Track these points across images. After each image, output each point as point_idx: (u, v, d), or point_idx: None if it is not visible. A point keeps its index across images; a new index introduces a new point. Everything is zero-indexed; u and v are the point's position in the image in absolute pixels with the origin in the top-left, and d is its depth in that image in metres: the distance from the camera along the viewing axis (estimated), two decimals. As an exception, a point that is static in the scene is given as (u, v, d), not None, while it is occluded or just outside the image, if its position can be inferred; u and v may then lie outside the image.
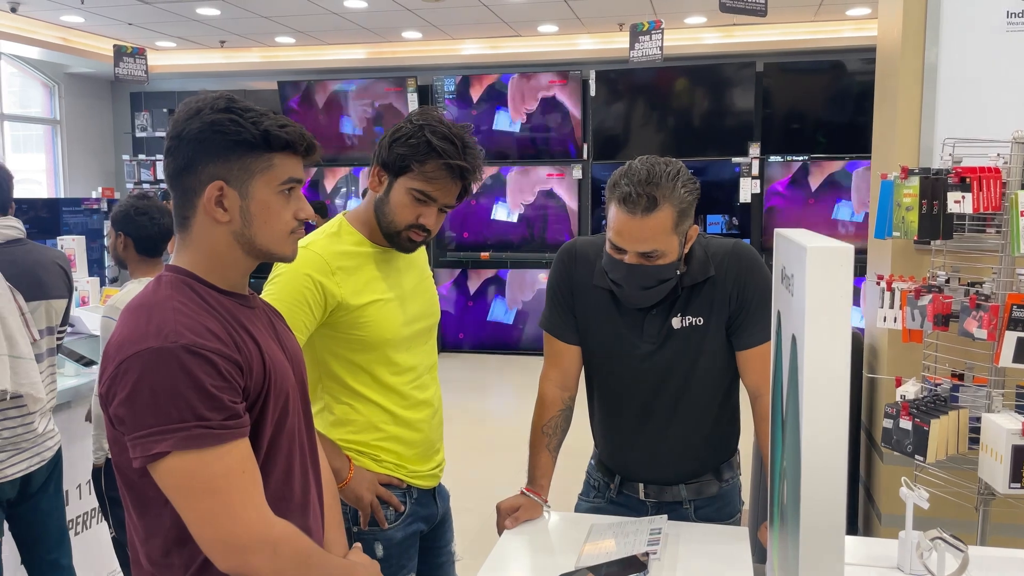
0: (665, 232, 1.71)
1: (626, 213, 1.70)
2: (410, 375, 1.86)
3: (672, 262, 1.75)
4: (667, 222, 1.70)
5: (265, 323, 1.38)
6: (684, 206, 1.72)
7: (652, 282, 1.76)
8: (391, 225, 1.77)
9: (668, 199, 1.69)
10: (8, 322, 2.39)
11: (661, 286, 1.78)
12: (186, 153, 1.28)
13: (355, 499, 1.79)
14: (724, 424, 1.95)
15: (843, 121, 7.66)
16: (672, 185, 1.70)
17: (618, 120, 8.26)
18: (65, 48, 7.98)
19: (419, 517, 1.91)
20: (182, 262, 1.32)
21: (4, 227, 2.60)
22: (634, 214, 1.69)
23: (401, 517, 1.86)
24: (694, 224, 1.80)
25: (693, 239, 1.81)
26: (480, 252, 8.59)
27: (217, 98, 1.31)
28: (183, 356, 1.16)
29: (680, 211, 1.72)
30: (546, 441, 1.94)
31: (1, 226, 2.59)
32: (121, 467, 1.23)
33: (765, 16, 4.78)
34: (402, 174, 1.74)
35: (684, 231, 1.76)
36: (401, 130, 1.74)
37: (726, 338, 1.87)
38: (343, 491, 1.77)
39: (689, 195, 1.73)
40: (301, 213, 1.35)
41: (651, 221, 1.69)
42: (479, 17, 7.23)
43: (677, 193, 1.71)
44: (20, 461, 2.49)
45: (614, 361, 1.92)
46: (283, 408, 1.32)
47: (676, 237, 1.74)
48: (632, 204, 1.68)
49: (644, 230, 1.70)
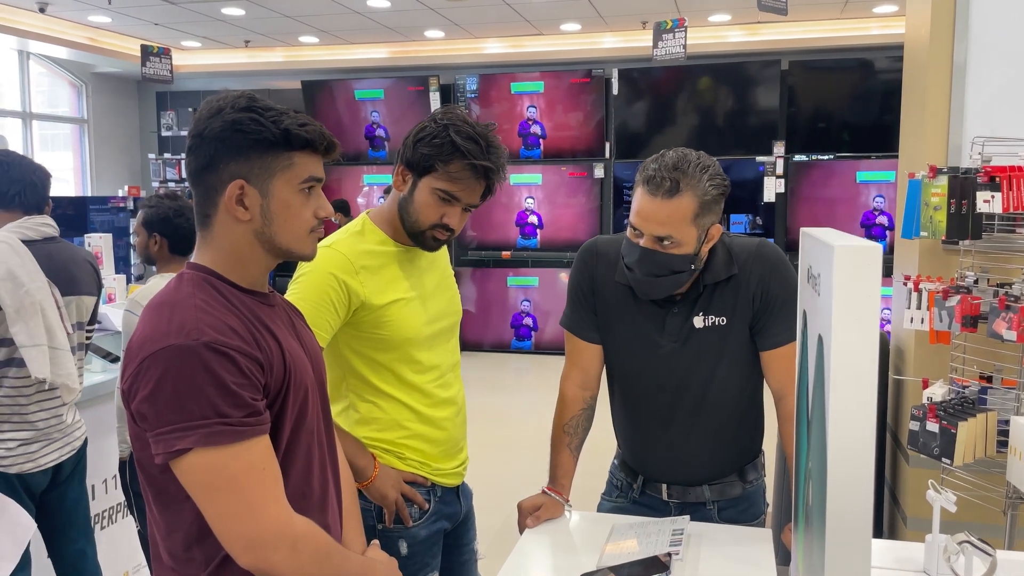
0: (683, 220, 1.70)
1: (648, 194, 1.72)
2: (433, 373, 1.87)
3: (687, 254, 1.74)
4: (687, 210, 1.70)
5: (285, 321, 1.39)
6: (707, 199, 1.71)
7: (663, 270, 1.75)
8: (415, 224, 1.78)
9: (691, 187, 1.70)
10: (48, 314, 2.47)
11: (672, 277, 1.76)
12: (208, 152, 1.29)
13: (380, 497, 1.79)
14: (748, 425, 1.93)
15: (870, 120, 7.58)
16: (698, 175, 1.70)
17: (641, 119, 8.23)
18: (92, 48, 8.08)
19: (443, 515, 1.91)
20: (203, 260, 1.32)
21: (41, 225, 2.65)
22: (655, 196, 1.70)
23: (425, 515, 1.87)
24: (718, 223, 1.79)
25: (715, 239, 1.80)
26: (502, 251, 8.59)
27: (238, 97, 1.32)
28: (205, 353, 1.16)
29: (702, 203, 1.71)
30: (567, 440, 1.93)
31: (38, 224, 2.64)
32: (143, 463, 1.24)
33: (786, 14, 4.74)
34: (426, 174, 1.74)
35: (705, 226, 1.74)
36: (425, 129, 1.74)
37: (750, 338, 1.85)
38: (368, 489, 1.78)
39: (714, 189, 1.72)
40: (321, 211, 1.35)
41: (670, 205, 1.69)
42: (502, 16, 7.23)
43: (702, 184, 1.70)
44: (53, 451, 2.56)
45: (635, 360, 1.91)
46: (302, 405, 1.32)
47: (695, 229, 1.72)
48: (655, 186, 1.70)
49: (661, 213, 1.70)
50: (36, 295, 2.44)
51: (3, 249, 2.42)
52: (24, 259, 2.45)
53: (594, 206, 8.36)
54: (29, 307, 2.41)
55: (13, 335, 2.39)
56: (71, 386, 2.52)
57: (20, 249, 2.46)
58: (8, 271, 2.38)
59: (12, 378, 2.45)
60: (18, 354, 2.41)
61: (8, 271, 2.38)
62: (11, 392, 2.46)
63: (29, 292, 2.41)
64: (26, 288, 2.41)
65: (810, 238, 1.08)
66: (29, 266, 2.45)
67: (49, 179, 2.69)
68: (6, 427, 2.46)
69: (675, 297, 1.85)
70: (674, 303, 1.85)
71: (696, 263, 1.78)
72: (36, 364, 2.41)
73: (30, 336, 2.41)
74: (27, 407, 2.49)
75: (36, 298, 2.43)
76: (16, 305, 2.38)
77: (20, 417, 2.48)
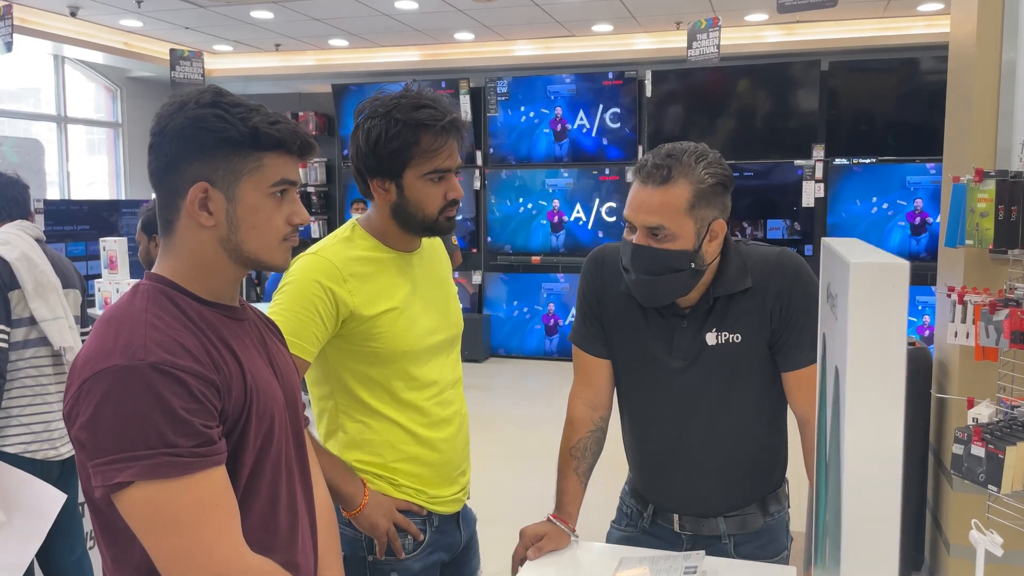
0: (676, 209, 1.58)
1: (639, 183, 1.62)
2: (432, 390, 1.75)
3: (684, 250, 1.59)
4: (680, 199, 1.58)
5: (254, 338, 1.27)
6: (703, 187, 1.58)
7: (658, 267, 1.61)
8: (425, 218, 1.67)
9: (685, 175, 1.58)
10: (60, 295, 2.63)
11: (671, 277, 1.61)
12: (168, 151, 1.18)
13: (370, 527, 1.67)
14: (769, 452, 1.77)
15: (914, 122, 7.30)
16: (692, 163, 1.59)
17: (675, 122, 8.04)
18: (125, 52, 8.12)
19: (440, 546, 1.79)
20: (163, 270, 1.21)
21: (33, 229, 2.73)
22: (646, 183, 1.60)
23: (420, 546, 1.74)
24: (722, 219, 1.63)
25: (719, 236, 1.64)
26: (531, 256, 8.46)
27: (203, 91, 1.20)
28: (151, 375, 1.05)
29: (698, 192, 1.58)
30: (574, 465, 1.78)
31: (31, 228, 2.73)
32: (88, 493, 1.13)
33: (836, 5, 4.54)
34: (404, 168, 1.63)
35: (704, 219, 1.60)
36: (372, 133, 1.62)
37: (769, 357, 1.69)
38: (357, 518, 1.67)
39: (711, 178, 1.59)
40: (295, 218, 1.24)
41: (662, 193, 1.58)
42: (532, 17, 7.10)
43: (696, 172, 1.58)
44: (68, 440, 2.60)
45: (642, 377, 1.77)
46: (267, 432, 1.20)
47: (691, 221, 1.59)
48: (646, 174, 1.60)
49: (653, 201, 1.59)
50: (50, 275, 2.60)
51: (14, 237, 2.59)
52: (34, 246, 2.61)
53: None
54: (46, 284, 2.57)
55: (33, 311, 2.52)
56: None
57: (29, 239, 2.62)
58: (23, 253, 2.55)
59: (31, 358, 2.55)
60: (34, 334, 2.54)
61: (23, 253, 2.55)
62: (33, 372, 2.56)
63: (44, 272, 2.57)
64: (41, 268, 2.57)
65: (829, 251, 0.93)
66: (39, 252, 2.62)
67: (28, 191, 2.82)
68: (28, 410, 2.54)
69: (683, 310, 1.70)
70: (683, 317, 1.70)
71: (697, 262, 1.61)
72: (59, 335, 2.56)
73: (51, 310, 2.56)
74: (48, 387, 2.59)
75: (51, 278, 2.60)
76: (34, 283, 2.53)
77: (42, 399, 2.57)
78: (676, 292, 1.65)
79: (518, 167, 8.47)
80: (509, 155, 8.47)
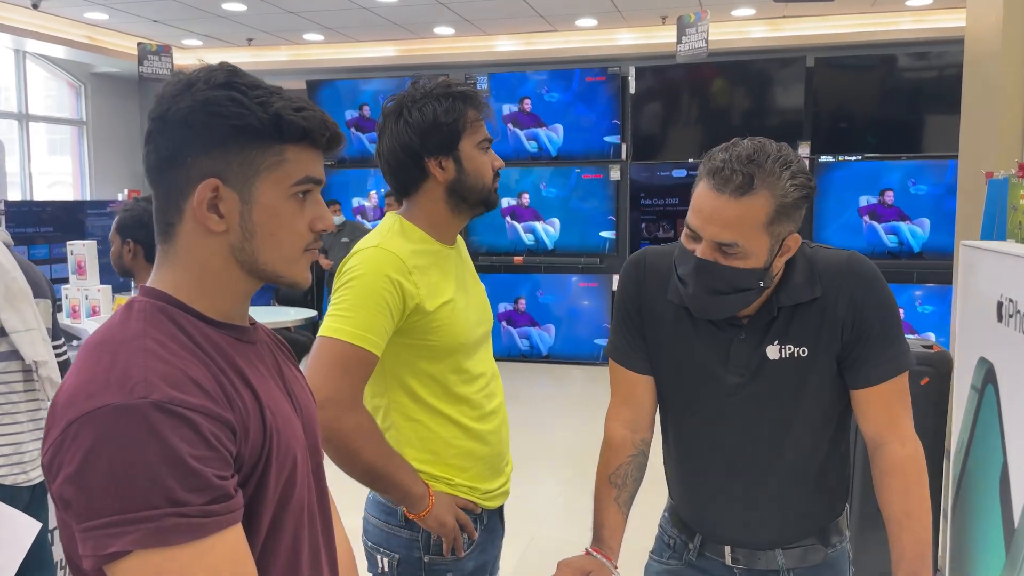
0: (754, 224, 1.37)
1: (713, 189, 1.38)
2: (480, 382, 1.75)
3: (755, 269, 1.41)
4: (759, 212, 1.37)
5: (269, 364, 1.07)
6: (787, 202, 1.38)
7: (724, 287, 1.42)
8: (483, 188, 1.71)
9: (769, 186, 1.36)
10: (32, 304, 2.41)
11: (735, 296, 1.43)
12: (172, 140, 0.98)
13: (439, 525, 1.66)
14: (832, 477, 1.60)
15: (900, 119, 7.24)
16: (778, 171, 1.37)
17: (659, 119, 7.90)
18: (90, 47, 7.79)
19: (489, 544, 1.80)
20: (162, 283, 1.01)
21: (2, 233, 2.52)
22: (722, 191, 1.37)
23: (474, 545, 1.74)
24: (796, 233, 1.46)
25: (792, 251, 1.47)
26: (513, 256, 8.27)
27: (214, 70, 1.00)
28: (154, 417, 0.85)
29: (780, 206, 1.38)
30: (615, 494, 1.60)
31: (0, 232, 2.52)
32: (71, 558, 0.92)
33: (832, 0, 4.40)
34: (460, 139, 1.67)
35: (780, 235, 1.41)
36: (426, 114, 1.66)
37: (837, 372, 1.52)
38: (425, 519, 1.65)
39: (797, 191, 1.39)
40: (319, 223, 1.04)
41: (740, 205, 1.36)
42: (514, 11, 6.92)
43: (782, 183, 1.37)
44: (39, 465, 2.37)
45: (692, 394, 1.59)
46: (289, 478, 1.00)
47: (767, 238, 1.39)
48: (722, 179, 1.36)
49: (728, 213, 1.37)
50: (21, 282, 2.35)
51: None
52: (2, 252, 2.37)
53: (610, 209, 8.03)
54: (18, 293, 2.34)
55: (3, 321, 2.29)
56: (56, 380, 2.39)
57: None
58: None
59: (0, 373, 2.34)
60: (4, 347, 2.32)
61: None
62: (2, 389, 2.35)
63: (15, 279, 2.33)
64: (12, 275, 2.33)
65: (995, 255, 0.76)
66: (8, 258, 2.37)
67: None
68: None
69: (741, 320, 1.52)
70: (740, 327, 1.52)
71: (766, 280, 1.44)
72: (31, 348, 2.34)
73: (23, 321, 2.33)
74: (18, 405, 2.38)
75: (22, 285, 2.35)
76: (4, 291, 2.30)
77: (11, 418, 2.36)
78: (738, 307, 1.47)
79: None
80: (490, 153, 8.27)
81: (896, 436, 1.50)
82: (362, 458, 1.57)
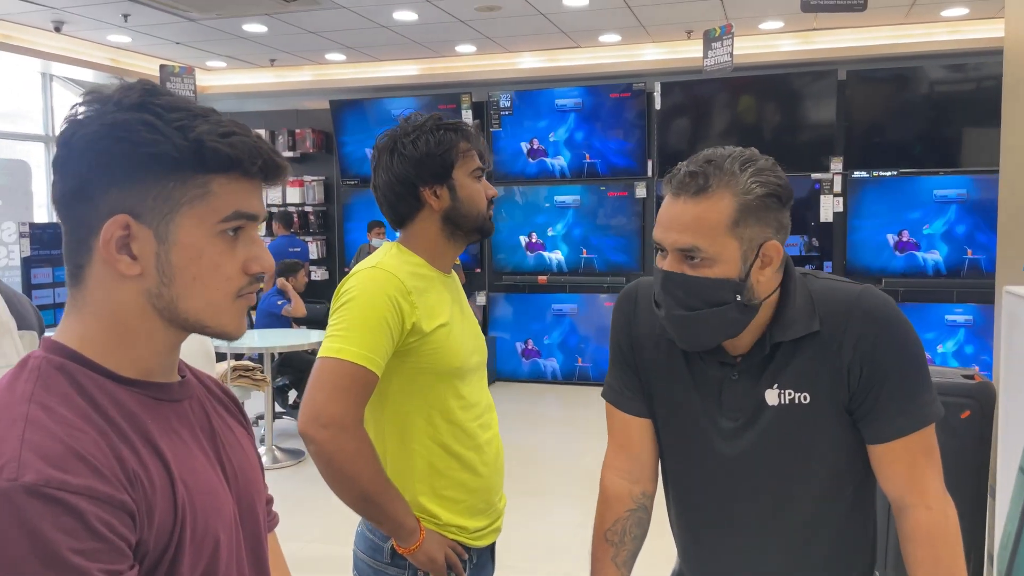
0: (716, 226, 1.25)
1: (670, 195, 1.30)
2: (475, 410, 1.74)
3: (727, 279, 1.26)
4: (720, 214, 1.25)
5: (197, 425, 0.94)
6: (750, 200, 1.25)
7: (695, 301, 1.27)
8: (478, 215, 1.75)
9: (727, 185, 1.26)
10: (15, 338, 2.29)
11: (712, 312, 1.27)
12: (78, 170, 0.85)
13: (428, 561, 1.64)
14: (851, 541, 1.42)
15: (935, 133, 6.99)
16: (736, 169, 1.26)
17: (685, 135, 7.73)
18: (114, 69, 7.83)
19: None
20: (68, 335, 0.88)
21: None
22: (678, 195, 1.28)
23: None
24: (776, 242, 1.30)
25: (774, 262, 1.30)
26: (538, 276, 8.13)
27: (129, 88, 0.87)
28: (25, 503, 0.72)
29: (743, 204, 1.25)
30: (611, 553, 1.44)
31: None
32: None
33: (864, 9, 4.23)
34: (453, 168, 1.70)
35: (752, 240, 1.27)
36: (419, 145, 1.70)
37: (851, 423, 1.35)
38: (415, 554, 1.63)
39: (760, 188, 1.26)
40: (254, 265, 0.91)
41: (697, 205, 1.26)
42: (536, 28, 6.81)
43: (742, 181, 1.26)
44: None
45: (686, 439, 1.43)
46: (210, 561, 0.86)
47: (735, 242, 1.26)
48: (679, 183, 1.28)
49: (685, 216, 1.27)
50: (2, 315, 2.23)
51: None
52: None
53: (635, 227, 7.85)
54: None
55: None
56: None
57: None
58: None
59: None
60: None
61: None
62: None
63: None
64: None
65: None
66: None
67: None
68: None
69: (733, 358, 1.36)
70: (732, 366, 1.36)
71: (745, 294, 1.27)
72: None
73: (2, 355, 2.19)
74: None
75: (2, 318, 2.23)
76: None
77: None
78: (721, 331, 1.31)
79: (523, 183, 8.16)
80: (513, 171, 8.16)
81: (921, 498, 1.32)
82: (359, 484, 1.54)
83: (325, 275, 8.85)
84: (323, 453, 1.50)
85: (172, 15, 6.23)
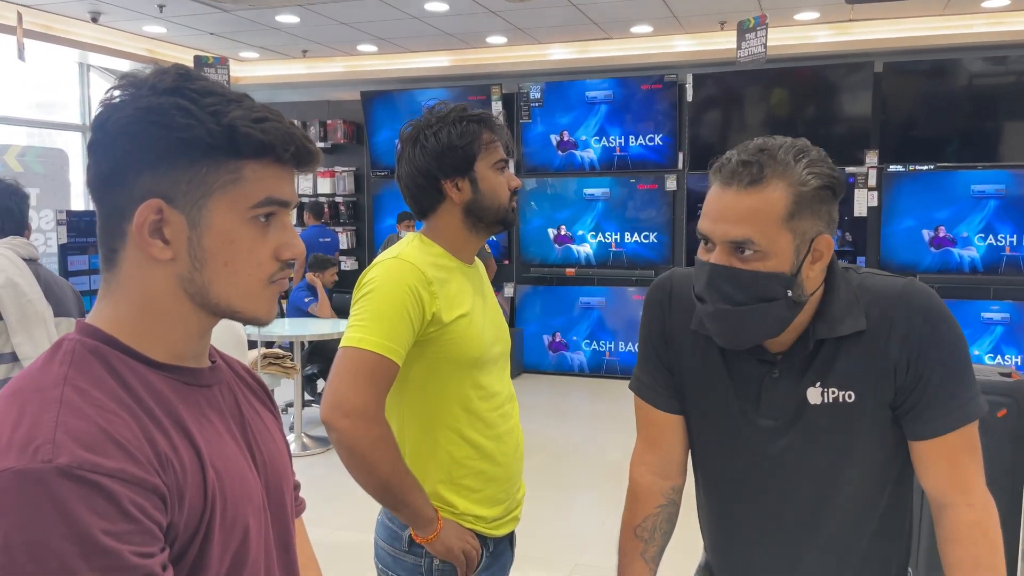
0: (769, 219, 1.21)
1: (720, 185, 1.24)
2: (495, 400, 1.75)
3: (779, 273, 1.23)
4: (775, 204, 1.21)
5: (227, 411, 0.94)
6: (806, 191, 1.21)
7: (744, 296, 1.23)
8: (500, 207, 1.74)
9: (782, 175, 1.21)
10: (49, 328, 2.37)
11: (760, 308, 1.24)
12: (112, 154, 0.86)
13: (446, 551, 1.65)
14: (887, 540, 1.40)
15: (974, 126, 6.86)
16: (791, 160, 1.22)
17: (717, 127, 7.65)
18: (150, 60, 7.91)
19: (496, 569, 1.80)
20: (101, 319, 0.89)
21: (27, 245, 2.49)
22: (730, 185, 1.23)
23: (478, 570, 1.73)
24: (828, 235, 1.26)
25: (824, 257, 1.27)
26: (566, 268, 8.11)
27: (163, 72, 0.88)
28: (59, 485, 0.73)
29: (798, 197, 1.21)
30: (641, 548, 1.44)
31: (24, 246, 2.47)
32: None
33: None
34: (475, 161, 1.70)
35: (805, 233, 1.23)
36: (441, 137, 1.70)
37: (894, 421, 1.33)
38: (433, 543, 1.65)
39: (815, 180, 1.22)
40: (285, 252, 0.91)
41: (751, 196, 1.21)
42: (567, 18, 6.77)
43: (797, 172, 1.21)
44: None
45: (722, 439, 1.41)
46: (240, 549, 0.87)
47: (788, 235, 1.22)
48: (730, 173, 1.23)
49: (739, 206, 1.22)
50: (38, 305, 2.33)
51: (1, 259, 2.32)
52: (23, 271, 2.35)
53: (666, 220, 7.80)
54: (33, 316, 2.30)
55: (16, 346, 2.24)
56: None
57: (18, 262, 2.37)
58: (8, 279, 2.28)
59: None
60: (16, 372, 2.24)
61: (8, 279, 2.28)
62: None
63: (32, 302, 2.31)
64: (28, 298, 2.30)
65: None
66: (28, 278, 2.36)
67: (27, 201, 2.51)
68: None
69: (774, 356, 1.33)
70: (772, 364, 1.33)
71: (795, 290, 1.24)
72: None
73: (35, 347, 2.28)
74: None
75: (39, 308, 2.33)
76: (19, 314, 2.26)
77: None
78: (766, 330, 1.28)
79: (552, 175, 8.14)
80: (542, 163, 8.14)
81: (963, 496, 1.29)
82: (378, 472, 1.55)
83: (355, 265, 8.91)
84: (344, 441, 1.51)
85: (207, 5, 6.29)
